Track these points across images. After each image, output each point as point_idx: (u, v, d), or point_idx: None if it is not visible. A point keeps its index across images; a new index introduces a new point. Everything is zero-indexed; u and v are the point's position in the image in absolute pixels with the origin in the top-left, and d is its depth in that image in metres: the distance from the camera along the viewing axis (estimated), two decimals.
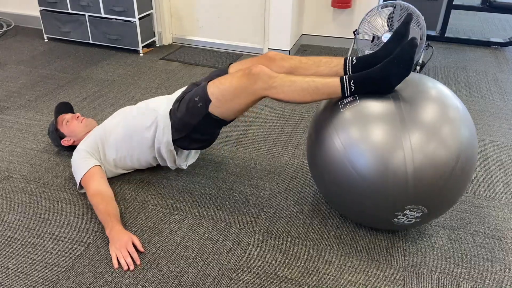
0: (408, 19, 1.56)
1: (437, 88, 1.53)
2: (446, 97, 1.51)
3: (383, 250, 1.64)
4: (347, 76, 1.52)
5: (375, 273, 1.55)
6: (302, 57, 1.76)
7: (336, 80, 1.52)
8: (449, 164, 1.41)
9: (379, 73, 1.46)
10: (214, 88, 1.68)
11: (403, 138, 1.40)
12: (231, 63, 1.87)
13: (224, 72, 1.85)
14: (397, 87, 1.53)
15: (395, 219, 1.54)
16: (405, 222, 1.54)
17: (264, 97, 1.63)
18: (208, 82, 1.73)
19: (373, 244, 1.67)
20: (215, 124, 1.77)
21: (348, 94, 1.53)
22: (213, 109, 1.70)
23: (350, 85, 1.51)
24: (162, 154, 1.90)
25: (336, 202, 1.64)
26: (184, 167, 2.03)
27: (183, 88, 1.95)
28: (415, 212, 1.49)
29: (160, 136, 1.84)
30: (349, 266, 1.57)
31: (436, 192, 1.44)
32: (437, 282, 1.52)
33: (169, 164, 1.96)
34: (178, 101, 1.82)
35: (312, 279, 1.52)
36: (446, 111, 1.46)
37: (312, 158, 1.65)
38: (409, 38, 1.47)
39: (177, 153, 1.94)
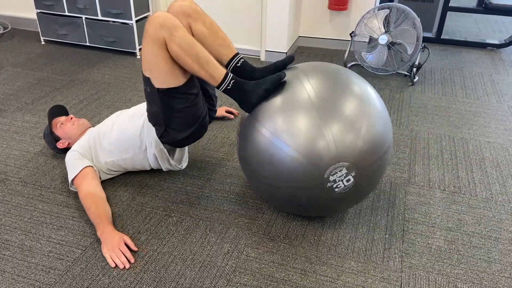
0: (289, 60, 1.71)
1: (359, 84, 1.62)
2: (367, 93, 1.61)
3: (380, 252, 1.64)
4: (232, 75, 1.64)
5: (373, 274, 1.55)
6: (207, 20, 1.78)
7: (224, 71, 1.64)
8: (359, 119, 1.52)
9: (249, 87, 1.62)
10: (143, 64, 1.70)
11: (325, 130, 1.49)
12: None
13: None
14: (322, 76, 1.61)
15: (336, 190, 1.53)
16: (345, 183, 1.53)
17: (165, 44, 1.61)
18: None
19: (370, 246, 1.67)
20: (176, 98, 1.72)
21: (221, 89, 1.64)
22: (156, 83, 1.69)
23: (229, 83, 1.63)
24: (155, 156, 1.90)
25: (269, 192, 1.65)
26: (181, 167, 2.03)
27: None
28: (339, 172, 1.50)
29: (148, 137, 1.85)
30: (346, 268, 1.57)
31: (356, 149, 1.50)
32: (434, 283, 1.52)
33: (163, 166, 1.95)
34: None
35: (309, 280, 1.52)
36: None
37: (243, 153, 1.68)
38: (280, 72, 1.65)
39: (169, 154, 1.93)
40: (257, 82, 1.63)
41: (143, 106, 1.99)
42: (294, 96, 1.55)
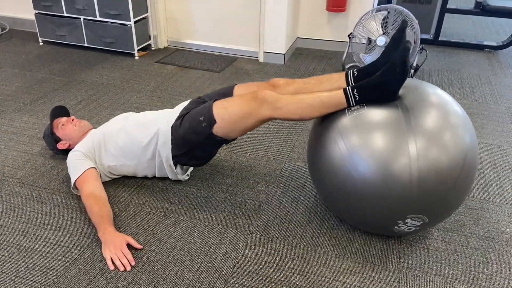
0: (403, 26, 1.59)
1: (437, 94, 1.54)
2: (447, 103, 1.52)
3: (378, 252, 1.65)
4: (349, 86, 1.54)
5: (370, 275, 1.55)
6: (304, 79, 1.78)
7: (340, 92, 1.54)
8: (453, 171, 1.42)
9: (378, 79, 1.48)
10: (220, 110, 1.69)
11: (409, 145, 1.40)
12: (237, 83, 1.88)
13: (229, 91, 1.87)
14: (400, 95, 1.54)
15: (396, 227, 1.54)
16: (405, 230, 1.55)
17: (271, 119, 1.64)
18: (214, 101, 1.74)
19: (368, 246, 1.68)
20: (217, 143, 1.79)
21: (353, 104, 1.54)
22: (217, 129, 1.71)
23: (354, 94, 1.53)
24: (163, 168, 1.91)
25: (336, 208, 1.64)
26: (186, 177, 2.03)
27: (185, 103, 1.92)
28: (416, 221, 1.50)
29: (160, 151, 1.84)
30: (344, 268, 1.58)
31: (439, 201, 1.44)
32: (431, 283, 1.53)
33: (170, 176, 1.96)
34: (181, 117, 1.80)
35: (307, 281, 1.52)
36: (448, 117, 1.47)
37: (314, 162, 1.65)
38: (404, 42, 1.49)
39: (175, 168, 1.94)
40: (384, 69, 1.47)
41: (155, 115, 1.91)
42: (382, 119, 1.46)
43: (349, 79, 1.69)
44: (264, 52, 3.46)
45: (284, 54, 3.43)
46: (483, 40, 3.99)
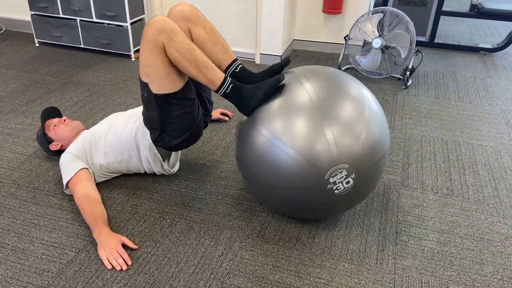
0: (285, 63, 1.71)
1: (356, 88, 1.63)
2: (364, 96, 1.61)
3: (374, 254, 1.65)
4: (230, 79, 1.65)
5: (366, 276, 1.56)
6: (207, 25, 1.79)
7: (222, 75, 1.64)
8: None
9: (248, 91, 1.63)
10: (140, 68, 1.70)
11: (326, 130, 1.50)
12: None
13: None
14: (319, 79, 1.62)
15: (336, 191, 1.54)
16: (345, 185, 1.54)
17: (164, 49, 1.62)
18: None
19: (364, 248, 1.68)
20: (172, 104, 1.73)
21: (220, 93, 1.65)
22: (153, 88, 1.70)
23: (228, 87, 1.63)
24: (148, 159, 1.90)
25: (268, 194, 1.66)
26: (173, 171, 2.03)
27: None
28: (339, 173, 1.51)
29: (143, 141, 1.86)
30: (340, 270, 1.58)
31: (355, 151, 1.51)
32: (426, 285, 1.53)
33: (156, 169, 1.96)
34: None
35: (303, 282, 1.52)
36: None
37: (242, 155, 1.68)
38: (279, 74, 1.65)
39: (163, 159, 1.93)
40: (256, 85, 1.64)
41: (140, 109, 1.99)
42: (295, 98, 1.56)
43: (230, 68, 1.76)
44: (261, 53, 3.47)
45: (281, 55, 3.44)
46: (478, 43, 4.02)
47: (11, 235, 1.70)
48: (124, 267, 1.55)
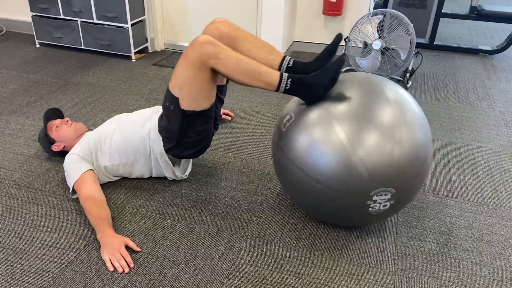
0: (338, 39, 1.68)
1: (394, 91, 1.59)
2: (404, 101, 1.57)
3: (374, 255, 1.66)
4: (287, 74, 1.60)
5: (366, 277, 1.56)
6: (246, 33, 1.79)
7: (277, 74, 1.60)
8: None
9: (311, 80, 1.57)
10: (174, 83, 1.70)
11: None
12: None
13: None
14: (350, 86, 1.59)
15: (370, 209, 1.55)
16: (381, 208, 1.55)
17: (212, 68, 1.63)
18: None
19: (364, 249, 1.68)
20: (197, 120, 1.75)
21: (282, 90, 1.61)
22: (184, 104, 1.70)
23: (287, 83, 1.59)
24: (159, 165, 1.91)
25: (312, 211, 1.69)
26: (185, 177, 2.03)
27: None
28: (383, 195, 1.51)
29: (153, 147, 1.85)
30: (340, 271, 1.58)
31: (396, 172, 1.49)
32: (426, 286, 1.54)
33: (168, 175, 1.96)
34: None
35: (303, 283, 1.53)
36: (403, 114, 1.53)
37: (279, 177, 1.72)
38: (339, 56, 1.59)
39: (173, 164, 1.94)
40: (318, 73, 1.57)
41: (146, 113, 1.96)
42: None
43: (283, 65, 1.73)
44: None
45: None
46: (478, 45, 4.03)
47: (11, 236, 1.71)
48: (126, 270, 1.55)
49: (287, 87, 1.60)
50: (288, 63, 1.72)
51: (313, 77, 1.57)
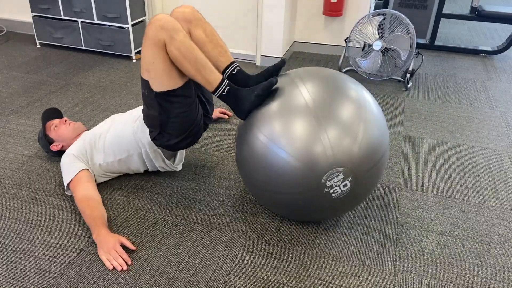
0: (281, 63, 1.72)
1: (356, 90, 1.62)
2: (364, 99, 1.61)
3: (374, 255, 1.66)
4: (227, 81, 1.67)
5: (366, 278, 1.56)
6: (208, 28, 1.81)
7: (220, 77, 1.65)
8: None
9: (244, 94, 1.64)
10: (141, 67, 1.72)
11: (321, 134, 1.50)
12: None
13: None
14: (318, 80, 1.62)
15: (333, 195, 1.54)
16: (342, 189, 1.54)
17: (165, 47, 1.64)
18: None
19: (364, 250, 1.68)
20: (173, 101, 1.74)
21: (217, 94, 1.66)
22: (154, 86, 1.71)
23: (225, 89, 1.65)
24: (149, 156, 1.92)
25: (267, 197, 1.66)
26: (178, 168, 2.04)
27: None
28: (335, 177, 1.51)
29: (142, 139, 1.87)
30: (340, 271, 1.58)
31: (352, 154, 1.50)
32: (427, 286, 1.53)
33: (158, 165, 1.97)
34: None
35: (303, 284, 1.53)
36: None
37: (240, 158, 1.69)
38: (272, 77, 1.64)
39: (169, 158, 1.95)
40: (250, 88, 1.65)
41: (139, 109, 2.01)
42: (290, 101, 1.56)
43: (227, 70, 1.77)
44: (261, 55, 3.48)
45: (281, 57, 3.44)
46: (478, 45, 4.02)
47: (12, 236, 1.71)
48: (125, 267, 1.56)
49: (223, 93, 1.65)
50: (233, 70, 1.76)
51: (245, 91, 1.64)
